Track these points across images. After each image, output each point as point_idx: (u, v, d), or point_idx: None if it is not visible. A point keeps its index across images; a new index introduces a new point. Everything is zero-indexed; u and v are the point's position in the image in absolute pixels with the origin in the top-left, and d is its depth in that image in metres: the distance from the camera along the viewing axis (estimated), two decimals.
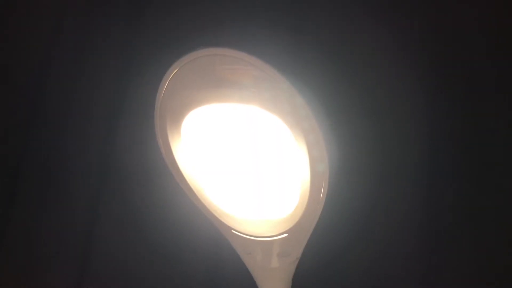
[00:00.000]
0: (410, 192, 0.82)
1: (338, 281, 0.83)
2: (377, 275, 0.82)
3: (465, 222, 0.81)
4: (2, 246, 0.96)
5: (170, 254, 0.89)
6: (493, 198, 0.81)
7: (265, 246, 0.63)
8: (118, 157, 0.95)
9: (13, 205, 0.97)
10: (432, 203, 0.82)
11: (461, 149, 0.83)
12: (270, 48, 0.54)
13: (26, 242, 0.95)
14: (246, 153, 0.59)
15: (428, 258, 0.81)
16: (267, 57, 0.51)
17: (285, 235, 0.61)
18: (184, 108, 0.56)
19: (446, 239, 0.81)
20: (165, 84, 0.55)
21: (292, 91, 0.52)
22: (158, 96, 0.56)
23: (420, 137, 0.84)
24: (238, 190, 0.62)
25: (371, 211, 0.83)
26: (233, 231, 0.64)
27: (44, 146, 0.98)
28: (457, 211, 0.81)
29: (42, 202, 0.96)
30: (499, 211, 0.80)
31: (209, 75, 0.53)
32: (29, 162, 0.98)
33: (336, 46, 0.87)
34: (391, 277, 0.81)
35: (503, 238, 0.79)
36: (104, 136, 0.96)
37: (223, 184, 0.62)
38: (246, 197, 0.62)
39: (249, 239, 0.63)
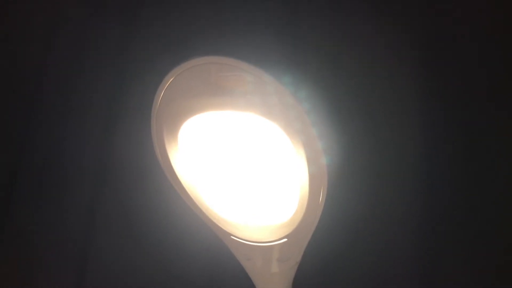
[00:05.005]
0: (408, 196, 0.82)
1: (338, 285, 0.83)
2: (376, 279, 0.82)
3: (463, 223, 0.81)
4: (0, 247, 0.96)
5: (168, 259, 0.89)
6: (490, 198, 0.81)
7: (264, 251, 0.63)
8: (116, 162, 0.95)
9: (11, 206, 0.97)
10: (431, 205, 0.82)
11: (458, 150, 0.83)
12: (266, 55, 0.54)
13: (24, 242, 0.95)
14: (244, 160, 0.59)
15: (427, 261, 0.81)
16: (264, 64, 0.51)
17: (285, 240, 0.61)
18: (181, 116, 0.56)
19: (445, 242, 0.81)
20: (161, 92, 0.55)
21: (290, 98, 0.52)
22: (154, 104, 0.56)
23: (417, 140, 0.84)
24: (236, 196, 0.62)
25: (370, 214, 0.83)
26: (232, 237, 0.64)
27: (41, 149, 0.98)
28: (455, 212, 0.81)
29: (39, 203, 0.96)
30: (497, 211, 0.80)
31: (205, 83, 0.53)
32: (26, 165, 0.98)
33: (332, 49, 0.87)
34: (391, 280, 0.81)
35: (501, 238, 0.79)
36: (102, 141, 0.96)
37: (221, 190, 0.62)
38: (244, 203, 0.62)
39: (248, 244, 0.63)
